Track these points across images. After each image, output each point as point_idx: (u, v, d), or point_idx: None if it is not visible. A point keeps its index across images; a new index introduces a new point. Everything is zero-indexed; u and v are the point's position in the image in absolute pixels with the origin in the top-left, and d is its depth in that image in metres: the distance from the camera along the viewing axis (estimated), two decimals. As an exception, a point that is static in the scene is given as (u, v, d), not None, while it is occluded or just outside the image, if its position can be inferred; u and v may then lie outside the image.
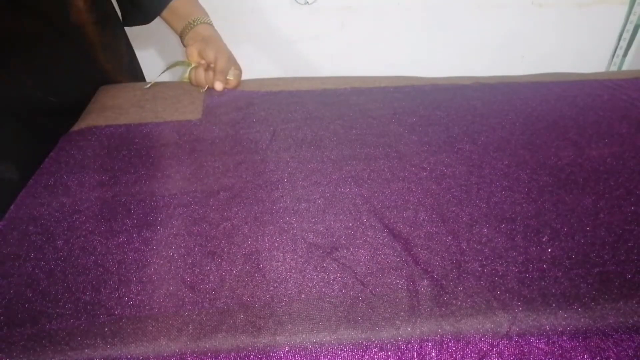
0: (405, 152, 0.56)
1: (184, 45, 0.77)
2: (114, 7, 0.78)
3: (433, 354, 0.35)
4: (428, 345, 0.35)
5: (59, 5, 0.65)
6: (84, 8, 0.67)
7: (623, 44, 1.42)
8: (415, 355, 0.35)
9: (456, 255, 0.42)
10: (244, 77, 0.75)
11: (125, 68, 0.81)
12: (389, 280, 0.39)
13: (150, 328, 0.36)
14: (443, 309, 0.37)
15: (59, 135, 0.60)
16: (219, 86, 0.70)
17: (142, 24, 0.79)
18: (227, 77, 0.71)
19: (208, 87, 0.71)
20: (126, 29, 0.83)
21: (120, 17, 0.79)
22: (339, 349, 0.35)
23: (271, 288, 0.39)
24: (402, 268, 0.41)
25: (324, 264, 0.41)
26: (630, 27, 1.39)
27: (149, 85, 0.73)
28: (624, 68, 1.46)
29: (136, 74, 0.85)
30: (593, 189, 0.50)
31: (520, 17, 1.37)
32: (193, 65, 0.72)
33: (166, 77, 0.77)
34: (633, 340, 0.35)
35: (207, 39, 0.74)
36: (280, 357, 0.35)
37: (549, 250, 0.42)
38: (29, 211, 0.47)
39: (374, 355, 0.35)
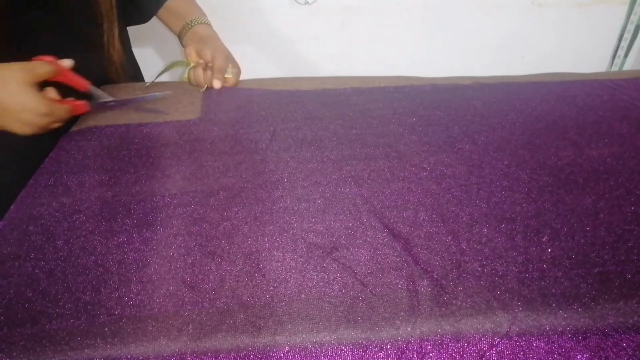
0: (405, 152, 0.56)
1: (183, 46, 0.77)
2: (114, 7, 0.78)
3: (433, 354, 0.35)
4: (428, 345, 0.35)
5: (59, 4, 0.66)
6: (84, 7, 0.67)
7: (624, 44, 1.42)
8: (415, 355, 0.35)
9: (456, 255, 0.42)
10: (244, 77, 0.75)
11: (125, 68, 0.81)
12: (389, 280, 0.39)
13: (150, 328, 0.36)
14: (443, 309, 0.37)
15: (59, 135, 0.60)
16: (217, 84, 0.70)
17: (140, 23, 0.79)
18: (226, 76, 0.71)
19: (207, 87, 0.71)
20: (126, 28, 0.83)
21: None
22: (339, 349, 0.35)
23: (271, 288, 0.39)
24: (402, 268, 0.41)
25: (324, 264, 0.41)
26: (631, 28, 1.39)
27: (147, 85, 0.73)
28: (625, 69, 1.46)
29: (136, 74, 0.85)
30: (593, 189, 0.50)
31: (520, 17, 1.37)
32: (192, 65, 0.72)
33: (165, 77, 0.77)
34: (633, 340, 0.35)
35: (204, 39, 0.74)
36: (280, 357, 0.35)
37: (549, 250, 0.42)
38: (29, 211, 0.47)
39: (374, 355, 0.35)
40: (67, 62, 0.59)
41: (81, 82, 0.61)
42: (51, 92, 0.57)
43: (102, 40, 0.69)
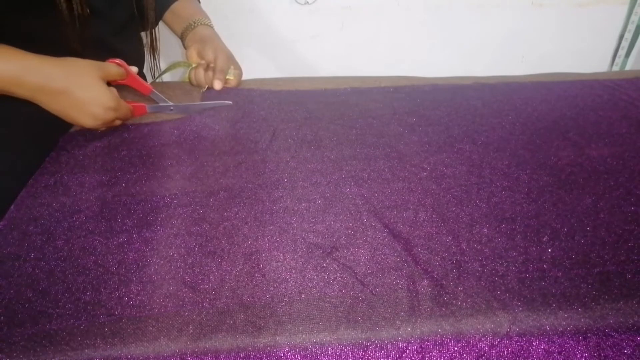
0: (405, 152, 0.56)
1: (185, 47, 0.77)
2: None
3: (433, 354, 0.35)
4: (428, 345, 0.35)
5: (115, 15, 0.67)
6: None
7: (625, 44, 1.42)
8: (415, 355, 0.35)
9: (456, 255, 0.42)
10: (244, 77, 0.75)
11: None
12: (389, 280, 0.39)
13: (150, 328, 0.36)
14: (443, 309, 0.37)
15: (59, 135, 0.60)
16: (218, 85, 0.70)
17: (146, 30, 0.79)
18: (227, 77, 0.71)
19: (208, 87, 0.71)
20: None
21: None
22: (339, 349, 0.35)
23: (271, 288, 0.39)
24: (402, 268, 0.41)
25: (324, 264, 0.41)
26: (631, 28, 1.39)
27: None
28: (627, 69, 1.45)
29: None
30: (593, 189, 0.50)
31: (520, 17, 1.37)
32: (193, 65, 0.72)
33: (166, 78, 0.77)
34: (633, 340, 0.35)
35: (206, 39, 0.74)
36: (280, 357, 0.35)
37: (549, 250, 0.42)
38: (29, 211, 0.47)
39: (374, 355, 0.35)
40: (134, 68, 0.63)
41: (145, 86, 0.64)
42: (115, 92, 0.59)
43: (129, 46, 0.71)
